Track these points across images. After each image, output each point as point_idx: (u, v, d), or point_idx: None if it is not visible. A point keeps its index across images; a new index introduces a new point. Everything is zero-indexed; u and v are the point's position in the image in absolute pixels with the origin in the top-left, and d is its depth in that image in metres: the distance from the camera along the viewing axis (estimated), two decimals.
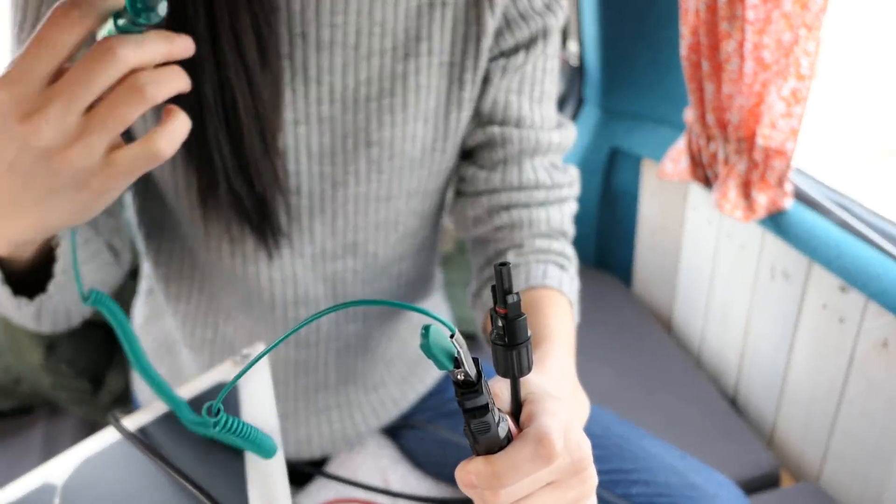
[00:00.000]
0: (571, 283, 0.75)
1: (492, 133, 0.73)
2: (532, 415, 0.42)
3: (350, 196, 0.72)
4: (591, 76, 1.58)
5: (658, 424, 1.23)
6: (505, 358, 0.40)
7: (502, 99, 0.72)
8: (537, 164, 0.75)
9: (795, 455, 1.24)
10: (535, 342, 0.62)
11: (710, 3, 1.03)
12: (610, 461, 0.81)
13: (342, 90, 0.67)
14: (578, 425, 0.49)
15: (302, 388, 0.82)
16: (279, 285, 0.74)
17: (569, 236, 0.79)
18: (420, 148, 0.72)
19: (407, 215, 0.76)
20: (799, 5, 0.97)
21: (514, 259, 0.74)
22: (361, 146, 0.69)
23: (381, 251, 0.76)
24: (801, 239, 1.10)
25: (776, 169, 1.10)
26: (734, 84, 1.06)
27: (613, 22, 1.44)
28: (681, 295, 1.53)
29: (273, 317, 0.76)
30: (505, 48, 0.71)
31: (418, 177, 0.73)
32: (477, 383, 0.37)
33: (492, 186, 0.74)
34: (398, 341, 0.88)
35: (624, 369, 1.38)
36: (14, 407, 1.25)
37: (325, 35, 0.64)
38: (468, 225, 0.78)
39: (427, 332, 0.34)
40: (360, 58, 0.66)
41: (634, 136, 1.52)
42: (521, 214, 0.74)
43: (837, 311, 1.09)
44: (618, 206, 1.65)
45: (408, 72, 0.68)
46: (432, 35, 0.68)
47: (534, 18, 0.71)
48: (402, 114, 0.69)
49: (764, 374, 1.29)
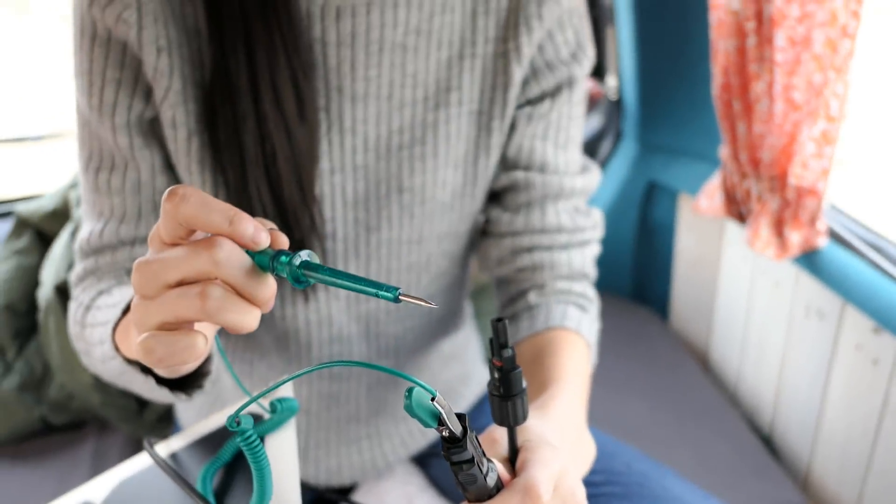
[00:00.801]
0: (591, 324, 0.76)
1: (516, 177, 0.75)
2: (524, 463, 0.44)
3: (383, 240, 0.74)
4: (629, 110, 1.59)
5: (689, 460, 1.23)
6: (500, 408, 0.43)
7: (527, 145, 0.75)
8: (560, 209, 0.77)
9: (831, 497, 1.22)
10: (544, 383, 0.63)
11: (739, 46, 1.04)
12: (630, 499, 0.81)
13: (376, 139, 0.70)
14: (575, 472, 0.50)
15: (334, 419, 0.86)
16: (315, 326, 0.77)
17: (591, 278, 0.80)
18: (450, 193, 0.74)
19: (438, 257, 0.78)
20: (829, 48, 0.97)
21: (535, 300, 0.76)
22: (394, 192, 0.72)
23: (413, 291, 0.79)
24: (834, 278, 1.09)
25: (808, 208, 1.09)
26: (765, 124, 1.07)
27: (651, 57, 1.46)
28: (717, 330, 1.52)
29: (308, 356, 0.80)
30: (531, 96, 0.73)
31: (448, 220, 0.76)
32: (462, 439, 0.39)
33: (515, 229, 0.77)
34: (428, 372, 0.91)
35: (657, 403, 1.38)
36: (67, 422, 1.31)
37: (360, 88, 0.67)
38: (491, 265, 0.81)
39: (410, 395, 0.36)
40: (393, 108, 0.69)
41: (671, 171, 1.52)
42: (542, 257, 0.76)
43: (871, 352, 1.07)
44: (655, 240, 1.65)
45: (438, 121, 0.70)
46: (462, 85, 0.70)
47: (559, 68, 0.73)
48: (432, 161, 0.72)
49: (799, 413, 1.28)
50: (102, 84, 0.65)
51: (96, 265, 0.70)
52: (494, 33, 0.70)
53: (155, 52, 0.63)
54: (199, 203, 0.39)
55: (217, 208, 0.39)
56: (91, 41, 0.64)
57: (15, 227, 1.39)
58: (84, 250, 0.71)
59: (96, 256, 0.70)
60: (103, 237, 0.69)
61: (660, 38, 1.42)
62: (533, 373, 0.68)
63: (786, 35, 0.99)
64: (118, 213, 0.69)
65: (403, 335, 0.82)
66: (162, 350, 0.41)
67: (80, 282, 0.71)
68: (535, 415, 0.55)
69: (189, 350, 0.41)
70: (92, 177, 0.69)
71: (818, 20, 0.97)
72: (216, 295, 0.39)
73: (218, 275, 0.40)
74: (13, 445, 1.28)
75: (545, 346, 0.71)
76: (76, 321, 0.68)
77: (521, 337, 0.75)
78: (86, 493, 0.61)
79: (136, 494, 0.59)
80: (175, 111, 0.65)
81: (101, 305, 0.65)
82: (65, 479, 1.20)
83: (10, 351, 1.29)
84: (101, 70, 0.65)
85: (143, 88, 0.66)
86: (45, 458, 1.26)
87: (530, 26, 0.69)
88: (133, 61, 0.65)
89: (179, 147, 0.67)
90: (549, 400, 0.58)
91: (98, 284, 0.69)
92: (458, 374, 0.94)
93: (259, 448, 0.47)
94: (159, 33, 0.63)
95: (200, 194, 0.39)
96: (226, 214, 0.40)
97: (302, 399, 0.83)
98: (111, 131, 0.66)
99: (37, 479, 1.21)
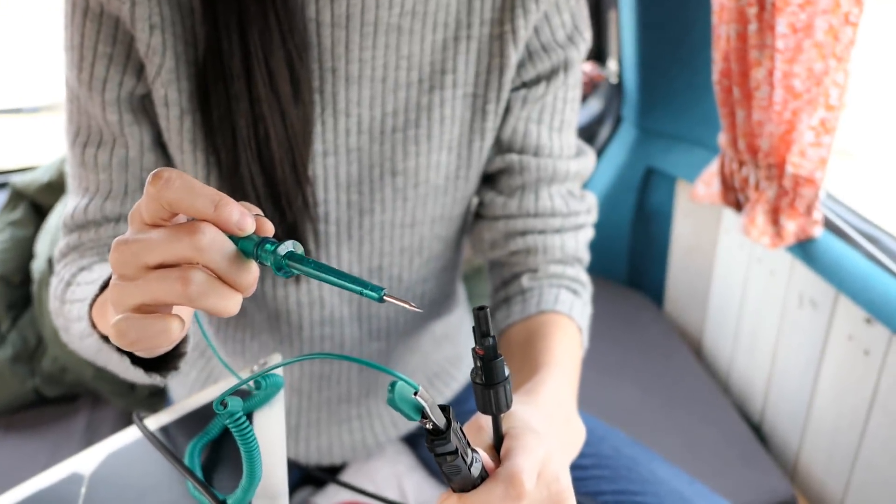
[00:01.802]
0: (583, 308, 0.77)
1: (510, 160, 0.75)
2: (508, 452, 0.45)
3: (376, 223, 0.74)
4: (630, 95, 1.59)
5: (679, 446, 1.24)
6: (483, 396, 0.42)
7: (522, 128, 0.74)
8: (554, 192, 0.76)
9: (817, 486, 1.23)
10: (534, 367, 0.63)
11: (741, 31, 1.04)
12: (617, 482, 0.81)
13: (369, 122, 0.69)
14: (560, 457, 0.50)
15: (325, 399, 0.86)
16: (306, 308, 0.77)
17: (584, 262, 0.80)
18: (444, 176, 0.74)
19: (431, 240, 0.78)
20: (831, 36, 0.97)
21: (527, 283, 0.76)
22: (387, 175, 0.71)
23: (406, 274, 0.79)
24: (828, 268, 1.09)
25: (805, 197, 1.09)
26: (764, 111, 1.07)
27: (652, 43, 1.45)
28: (711, 317, 1.52)
29: (299, 336, 0.80)
30: (526, 79, 0.73)
31: (442, 203, 0.76)
32: (445, 431, 0.39)
33: (509, 212, 0.77)
34: (420, 354, 0.91)
35: (649, 389, 1.39)
36: (60, 394, 1.32)
37: (354, 69, 0.66)
38: (484, 248, 0.81)
39: (393, 389, 0.37)
40: (388, 90, 0.68)
41: (670, 157, 1.52)
42: (536, 240, 0.76)
43: (863, 342, 1.08)
44: (651, 226, 1.65)
45: (433, 103, 0.70)
46: (457, 67, 0.69)
47: (556, 51, 0.72)
48: (426, 144, 0.71)
49: (789, 402, 1.28)
50: (94, 59, 0.64)
51: (79, 241, 0.69)
52: (490, 15, 0.69)
53: (148, 28, 0.62)
54: (183, 187, 0.38)
55: (202, 193, 0.39)
56: (83, 15, 0.63)
57: (10, 199, 1.39)
58: (68, 225, 0.70)
59: (80, 232, 0.69)
60: (88, 213, 0.69)
61: (661, 23, 1.41)
62: (523, 356, 0.68)
63: (787, 21, 0.98)
64: (104, 189, 0.68)
65: (395, 317, 0.83)
66: (135, 334, 0.40)
67: (63, 257, 0.70)
68: (522, 400, 0.55)
69: (163, 335, 0.40)
70: (79, 152, 0.68)
71: (821, 7, 0.96)
72: (198, 280, 0.39)
73: (200, 260, 0.39)
74: (6, 416, 1.28)
75: (536, 329, 0.71)
76: (56, 296, 0.67)
77: (514, 321, 0.75)
78: (74, 464, 0.61)
79: (125, 467, 0.60)
80: (167, 89, 0.65)
81: (80, 282, 0.64)
82: (57, 450, 1.21)
83: (3, 322, 1.30)
84: (92, 45, 0.64)
85: (134, 65, 0.65)
86: (37, 429, 1.27)
87: (526, 8, 0.69)
88: (125, 37, 0.64)
89: (171, 126, 0.66)
90: (537, 384, 0.58)
91: (80, 261, 0.68)
92: (450, 355, 0.94)
93: (248, 429, 0.47)
94: (152, 10, 0.62)
95: (185, 178, 0.39)
96: (211, 199, 0.39)
97: (293, 379, 0.83)
98: (101, 107, 0.66)
99: (29, 451, 1.21)
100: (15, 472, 1.15)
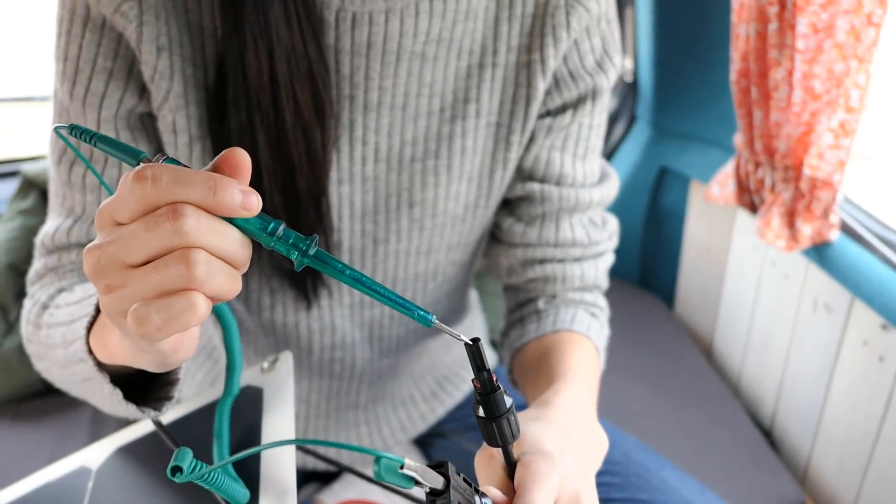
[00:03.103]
0: (601, 330, 0.74)
1: (531, 189, 0.71)
2: (520, 485, 0.44)
3: (391, 252, 0.71)
4: (644, 94, 1.57)
5: (688, 449, 1.23)
6: (486, 429, 0.42)
7: (545, 156, 0.70)
8: (575, 222, 0.73)
9: (828, 493, 1.21)
10: (550, 379, 0.62)
11: (760, 30, 1.02)
12: (627, 490, 0.80)
13: (387, 150, 0.66)
14: (578, 475, 0.48)
15: (333, 408, 0.85)
16: (317, 333, 0.75)
17: (602, 289, 0.78)
18: (463, 206, 0.71)
19: (446, 265, 0.76)
20: (852, 37, 0.95)
21: (543, 306, 0.74)
22: (404, 206, 0.69)
23: (420, 297, 0.77)
24: (844, 273, 1.08)
25: (822, 200, 1.08)
26: (782, 112, 1.05)
27: (668, 41, 1.43)
28: (723, 319, 1.51)
29: (308, 359, 0.78)
30: (552, 107, 0.69)
31: (459, 231, 0.73)
32: (445, 490, 0.38)
33: (528, 241, 0.74)
34: (428, 357, 0.90)
35: (659, 390, 1.38)
36: None
37: (374, 97, 0.63)
38: (501, 273, 0.78)
39: (378, 463, 0.37)
40: (407, 119, 0.65)
41: (684, 157, 1.51)
42: (555, 269, 0.74)
43: (878, 349, 1.06)
44: (664, 226, 1.63)
45: (454, 133, 0.67)
46: (481, 97, 0.66)
47: (584, 79, 0.68)
48: (446, 175, 0.68)
49: (802, 406, 1.27)
50: (91, 73, 0.59)
51: (59, 262, 0.64)
52: (518, 41, 0.65)
53: (155, 51, 0.58)
54: (174, 180, 0.35)
55: (195, 180, 0.35)
56: (82, 25, 0.58)
57: (21, 188, 1.39)
58: (47, 246, 0.65)
59: (60, 253, 0.64)
60: (71, 235, 0.63)
61: (679, 21, 1.39)
62: (539, 370, 0.67)
63: (808, 21, 0.96)
64: (90, 211, 0.63)
65: (405, 336, 0.81)
66: (158, 317, 0.35)
67: (39, 279, 0.65)
68: (534, 415, 0.53)
69: (189, 312, 0.35)
70: (65, 170, 0.63)
71: (843, 7, 0.94)
72: (202, 259, 0.35)
73: (189, 244, 0.35)
74: (13, 406, 1.28)
75: (552, 346, 0.69)
76: (29, 321, 0.62)
77: (529, 339, 0.73)
78: (82, 458, 0.61)
79: (132, 462, 0.59)
80: (175, 115, 0.61)
81: (60, 304, 0.58)
82: (63, 440, 1.21)
83: (12, 311, 1.29)
84: (91, 57, 0.59)
85: (136, 83, 0.60)
86: (44, 419, 1.26)
87: (557, 37, 0.65)
88: (128, 53, 0.59)
89: (180, 153, 0.63)
90: (552, 395, 0.56)
91: (58, 282, 0.63)
92: (459, 357, 0.93)
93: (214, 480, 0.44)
94: (160, 31, 0.57)
95: (172, 170, 0.35)
96: (206, 184, 0.35)
97: (302, 391, 0.82)
98: (95, 124, 0.61)
99: (36, 441, 1.21)
100: (22, 461, 1.15)
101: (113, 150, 0.37)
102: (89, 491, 0.57)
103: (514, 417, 0.42)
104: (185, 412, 0.63)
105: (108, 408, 0.55)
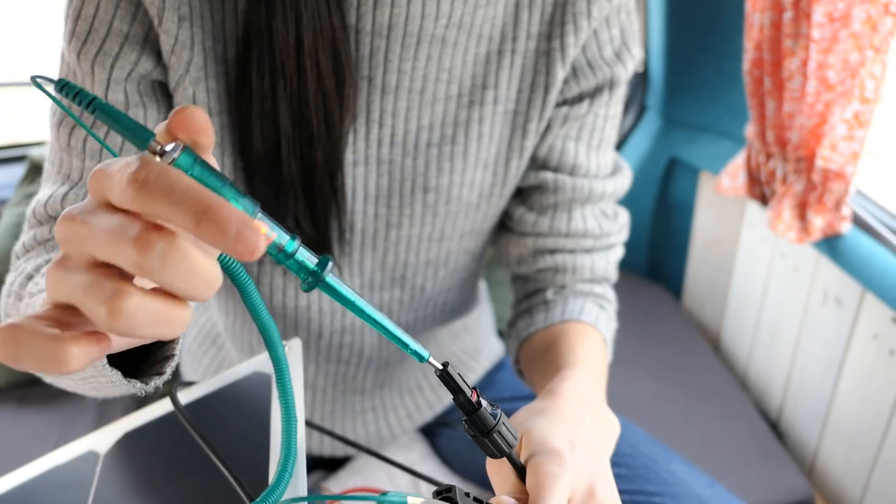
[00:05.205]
0: (609, 322, 0.74)
1: (545, 178, 0.71)
2: (532, 491, 0.43)
3: (403, 236, 0.71)
4: (655, 84, 1.56)
5: (695, 440, 1.23)
6: (482, 445, 0.42)
7: (559, 145, 0.70)
8: (587, 213, 0.74)
9: (835, 486, 1.21)
10: (557, 369, 0.62)
11: (775, 19, 1.01)
12: (635, 482, 0.80)
13: (403, 134, 0.65)
14: (591, 467, 0.48)
15: (339, 393, 0.85)
16: (328, 316, 0.75)
17: (612, 281, 0.78)
18: (477, 194, 0.71)
19: (458, 253, 0.76)
20: (869, 26, 0.94)
21: (552, 296, 0.74)
22: (418, 191, 0.68)
23: (430, 285, 0.77)
24: (855, 265, 1.07)
25: (834, 192, 1.07)
26: (795, 103, 1.04)
27: (680, 31, 1.42)
28: (731, 311, 1.50)
29: (317, 343, 0.78)
30: (569, 96, 0.69)
31: (473, 219, 0.73)
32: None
33: (539, 230, 0.74)
34: (435, 345, 0.89)
35: (666, 382, 1.37)
36: None
37: (392, 80, 0.63)
38: (511, 262, 0.78)
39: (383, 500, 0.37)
40: (425, 103, 0.65)
41: (694, 148, 1.49)
42: (565, 260, 0.73)
43: (888, 342, 1.05)
44: (673, 217, 1.63)
45: (471, 119, 0.66)
46: (499, 83, 0.66)
47: (602, 68, 0.68)
48: (461, 162, 0.68)
49: (810, 399, 1.26)
50: (106, 34, 0.56)
51: (49, 235, 0.59)
52: (538, 29, 0.65)
53: (177, 20, 0.56)
54: (161, 191, 0.28)
55: (183, 200, 0.28)
56: None
57: (28, 172, 1.39)
58: (39, 216, 0.60)
59: (51, 224, 0.59)
60: (66, 203, 0.59)
61: (690, 10, 1.38)
62: (546, 359, 0.66)
63: (824, 10, 0.95)
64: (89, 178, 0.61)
65: (414, 323, 0.81)
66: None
67: (26, 253, 0.60)
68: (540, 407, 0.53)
69: (60, 360, 0.29)
70: (65, 133, 0.60)
71: None
72: (130, 308, 0.29)
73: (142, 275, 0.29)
74: (21, 389, 1.29)
75: (560, 335, 0.68)
76: (11, 293, 0.56)
77: (536, 329, 0.73)
78: (90, 442, 0.61)
79: (140, 447, 0.59)
80: (196, 88, 0.59)
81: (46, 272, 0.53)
82: (71, 425, 1.21)
83: None
84: (107, 19, 0.56)
85: (152, 50, 0.58)
86: (51, 404, 1.27)
87: (578, 25, 0.64)
88: (145, 19, 0.57)
89: None
90: (559, 383, 0.56)
91: (46, 255, 0.58)
92: (468, 346, 0.93)
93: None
94: (182, 1, 0.56)
95: (167, 178, 0.29)
96: (193, 209, 0.28)
97: (308, 375, 0.82)
98: (103, 85, 0.58)
99: (43, 425, 1.22)
100: (29, 445, 1.16)
101: (114, 124, 0.30)
102: (97, 475, 0.57)
103: (505, 427, 0.42)
104: (199, 395, 0.63)
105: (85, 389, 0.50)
